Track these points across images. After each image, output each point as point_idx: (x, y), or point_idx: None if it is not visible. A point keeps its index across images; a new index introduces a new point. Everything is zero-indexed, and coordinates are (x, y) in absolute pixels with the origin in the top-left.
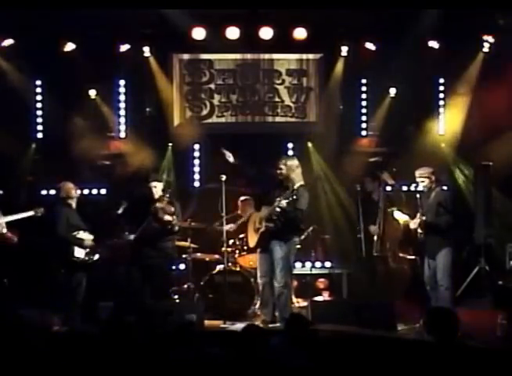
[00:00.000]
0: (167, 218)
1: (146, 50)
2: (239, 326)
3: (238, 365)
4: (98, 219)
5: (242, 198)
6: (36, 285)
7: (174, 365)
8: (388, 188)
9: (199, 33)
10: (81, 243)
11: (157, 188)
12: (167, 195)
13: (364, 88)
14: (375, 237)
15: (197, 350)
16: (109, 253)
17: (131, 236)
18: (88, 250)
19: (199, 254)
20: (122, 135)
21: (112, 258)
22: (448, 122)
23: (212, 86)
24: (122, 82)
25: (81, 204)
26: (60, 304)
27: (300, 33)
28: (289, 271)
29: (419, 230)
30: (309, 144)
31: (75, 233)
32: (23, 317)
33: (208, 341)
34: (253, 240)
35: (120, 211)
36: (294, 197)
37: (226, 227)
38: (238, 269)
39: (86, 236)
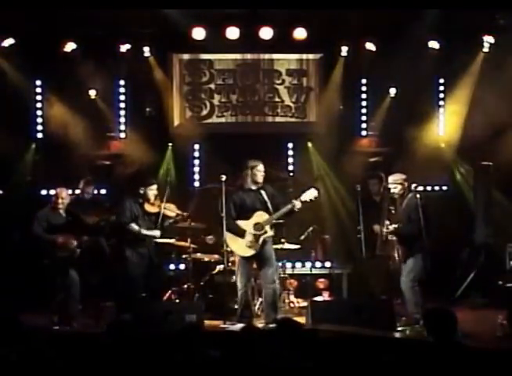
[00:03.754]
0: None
1: (146, 50)
2: (239, 326)
3: (237, 366)
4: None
5: None
6: (35, 285)
7: (175, 367)
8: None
9: (199, 33)
10: (53, 242)
11: (154, 190)
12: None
13: (364, 88)
14: (383, 237)
15: (198, 352)
16: (109, 253)
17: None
18: (64, 250)
19: (199, 254)
20: (122, 135)
21: (112, 257)
22: (448, 122)
23: (212, 86)
24: (122, 82)
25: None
26: (56, 303)
27: (300, 33)
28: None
29: (389, 237)
30: (309, 144)
31: (54, 235)
32: (20, 318)
33: (208, 341)
34: (250, 248)
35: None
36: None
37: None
38: None
39: (61, 237)
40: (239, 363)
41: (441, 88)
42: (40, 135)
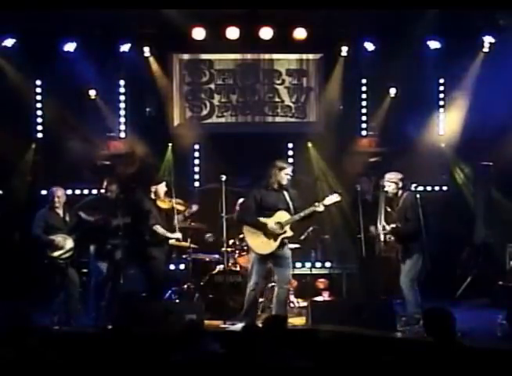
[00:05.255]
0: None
1: (146, 50)
2: (239, 326)
3: (238, 365)
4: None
5: (241, 200)
6: (35, 285)
7: (176, 365)
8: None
9: (199, 33)
10: (51, 243)
11: (164, 187)
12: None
13: (364, 88)
14: (380, 237)
15: (199, 350)
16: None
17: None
18: (62, 250)
19: (199, 254)
20: (122, 135)
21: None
22: (448, 122)
23: (212, 86)
24: (122, 82)
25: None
26: (56, 303)
27: (300, 33)
28: None
29: (387, 238)
30: (309, 144)
31: (52, 235)
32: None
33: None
34: (267, 246)
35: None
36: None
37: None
38: (238, 269)
39: (59, 237)
40: (240, 362)
41: (441, 88)
42: (40, 135)
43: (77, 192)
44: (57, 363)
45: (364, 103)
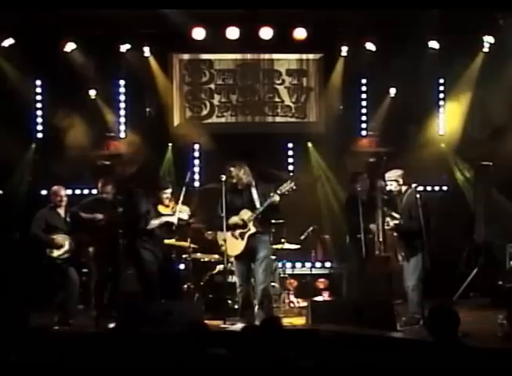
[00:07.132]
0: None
1: (146, 50)
2: (239, 326)
3: (237, 365)
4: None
5: None
6: (35, 284)
7: (176, 365)
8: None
9: (199, 33)
10: (51, 241)
11: (168, 194)
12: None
13: (364, 88)
14: (375, 238)
15: (201, 351)
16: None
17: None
18: (62, 250)
19: (199, 254)
20: (122, 135)
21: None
22: (448, 122)
23: (212, 86)
24: (122, 82)
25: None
26: (56, 303)
27: (300, 33)
28: (272, 269)
29: (381, 236)
30: (309, 144)
31: (52, 235)
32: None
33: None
34: (239, 247)
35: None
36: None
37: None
38: None
39: (58, 237)
40: (240, 362)
41: (441, 88)
42: (40, 135)
43: (77, 192)
44: (57, 363)
45: (364, 103)
